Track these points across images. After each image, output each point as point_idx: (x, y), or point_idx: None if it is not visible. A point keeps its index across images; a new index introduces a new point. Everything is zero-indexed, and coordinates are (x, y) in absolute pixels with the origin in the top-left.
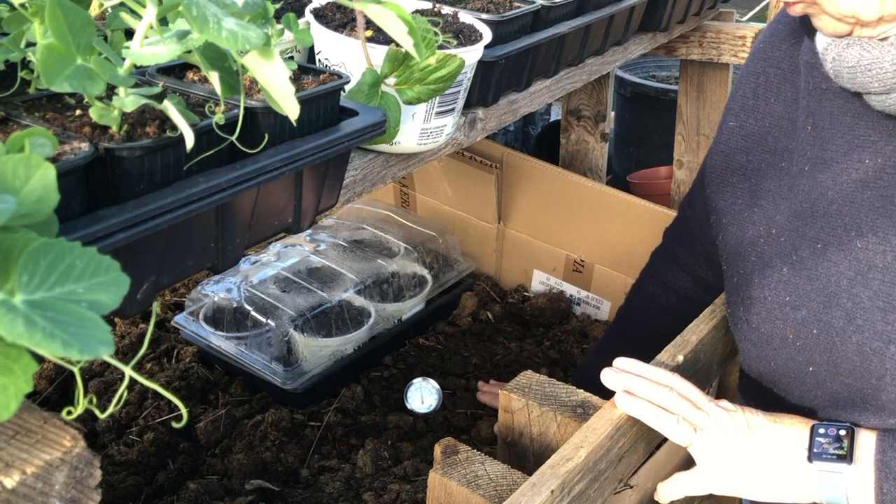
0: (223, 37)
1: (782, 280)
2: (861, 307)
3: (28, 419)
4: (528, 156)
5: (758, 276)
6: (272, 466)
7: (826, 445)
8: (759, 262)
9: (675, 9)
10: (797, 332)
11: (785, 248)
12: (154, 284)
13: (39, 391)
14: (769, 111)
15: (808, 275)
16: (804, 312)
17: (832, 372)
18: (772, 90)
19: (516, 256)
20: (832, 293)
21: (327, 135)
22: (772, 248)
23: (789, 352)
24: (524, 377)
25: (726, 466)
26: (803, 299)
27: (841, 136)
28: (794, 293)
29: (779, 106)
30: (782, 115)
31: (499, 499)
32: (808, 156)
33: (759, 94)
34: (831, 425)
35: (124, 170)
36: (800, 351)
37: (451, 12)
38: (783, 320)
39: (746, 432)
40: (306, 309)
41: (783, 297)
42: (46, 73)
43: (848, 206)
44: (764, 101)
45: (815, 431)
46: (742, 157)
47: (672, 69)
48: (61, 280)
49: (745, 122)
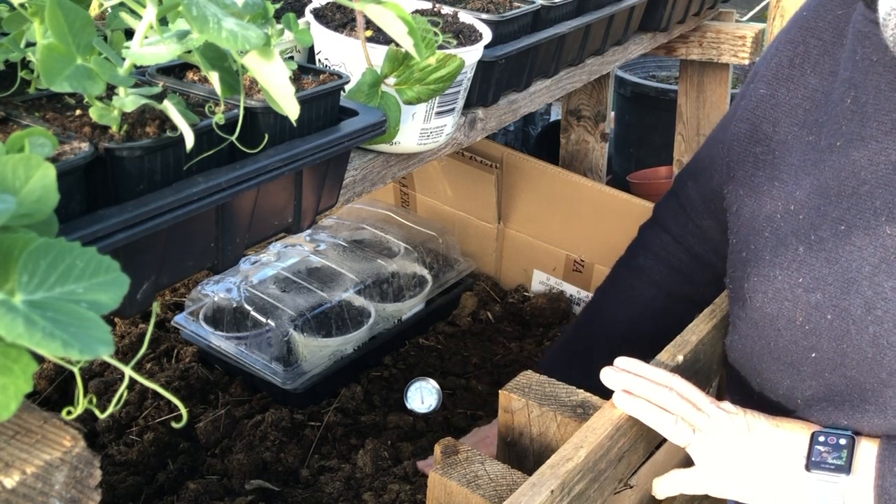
0: (223, 37)
1: (797, 259)
2: (882, 297)
3: (28, 419)
4: (528, 156)
5: (770, 253)
6: (272, 466)
7: (825, 454)
8: (773, 238)
9: (675, 9)
10: (808, 315)
11: (803, 227)
12: (154, 284)
13: (39, 391)
14: (804, 82)
15: (827, 257)
16: (818, 296)
17: (837, 362)
18: (809, 61)
19: (516, 256)
20: (852, 279)
21: (327, 135)
22: (788, 224)
23: (794, 335)
24: (524, 377)
25: (723, 468)
26: (819, 282)
27: (885, 114)
28: (809, 275)
29: (814, 78)
30: (816, 88)
31: (499, 499)
32: (843, 131)
33: (795, 63)
34: (832, 433)
35: (124, 170)
36: (807, 335)
37: (451, 12)
38: (793, 302)
39: (746, 435)
40: (306, 309)
41: (796, 277)
42: (46, 73)
43: (881, 189)
44: (800, 71)
45: (816, 439)
46: (769, 128)
47: (672, 69)
48: (61, 280)
49: (776, 90)
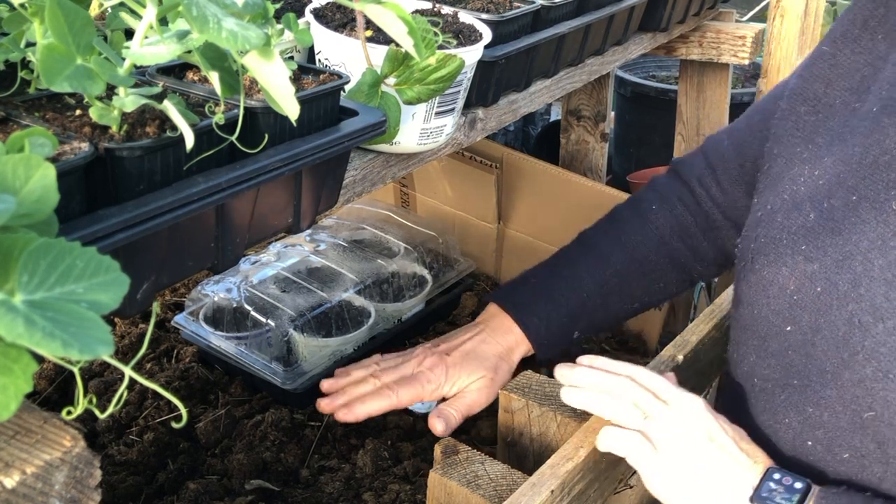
0: (223, 37)
1: (805, 226)
2: (869, 275)
3: (28, 419)
4: (528, 156)
5: (782, 216)
6: (272, 466)
7: (776, 492)
8: (790, 201)
9: (675, 9)
10: (800, 285)
11: (820, 193)
12: (154, 284)
13: (39, 391)
14: (871, 47)
15: (833, 227)
16: (815, 266)
17: (808, 339)
18: (885, 25)
19: (516, 256)
20: (849, 252)
21: (327, 135)
22: (808, 189)
23: (780, 305)
24: (524, 377)
25: (665, 466)
26: (819, 252)
27: None
28: (813, 243)
29: (884, 44)
30: (882, 55)
31: (499, 499)
32: (883, 96)
33: (868, 25)
34: (788, 474)
35: (124, 170)
36: (792, 306)
37: (450, 12)
38: (791, 268)
39: (703, 442)
40: (306, 309)
41: (800, 244)
42: (46, 73)
43: None
44: (871, 33)
45: (770, 475)
46: (820, 88)
47: (672, 69)
48: (61, 280)
49: (839, 50)
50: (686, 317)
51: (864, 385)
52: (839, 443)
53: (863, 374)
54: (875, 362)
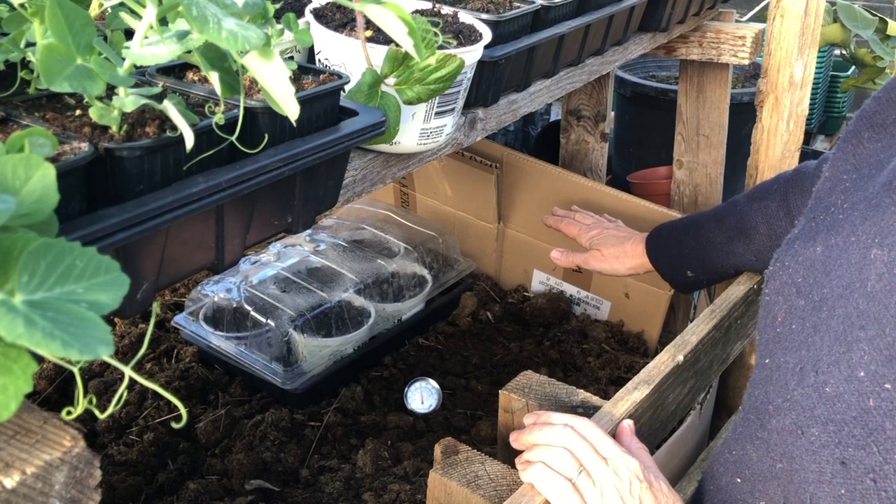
0: (223, 37)
1: (812, 230)
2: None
3: (28, 419)
4: (528, 156)
5: (805, 217)
6: (272, 466)
7: None
8: (817, 206)
9: (675, 9)
10: (785, 317)
11: (839, 198)
12: (154, 284)
13: (39, 391)
14: None
15: (829, 230)
16: (802, 302)
17: (769, 376)
18: None
19: (516, 256)
20: (825, 295)
21: (327, 135)
22: (832, 194)
23: (768, 335)
24: (524, 377)
25: None
26: (807, 287)
27: None
28: (805, 273)
29: None
30: None
31: (499, 499)
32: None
33: None
34: None
35: (124, 170)
36: (775, 338)
37: (450, 12)
38: (785, 297)
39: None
40: (306, 309)
41: (796, 276)
42: (46, 73)
43: None
44: None
45: None
46: (892, 114)
47: (672, 69)
48: (61, 280)
49: None
50: (686, 317)
51: (782, 435)
52: (759, 487)
53: (783, 424)
54: (794, 414)
